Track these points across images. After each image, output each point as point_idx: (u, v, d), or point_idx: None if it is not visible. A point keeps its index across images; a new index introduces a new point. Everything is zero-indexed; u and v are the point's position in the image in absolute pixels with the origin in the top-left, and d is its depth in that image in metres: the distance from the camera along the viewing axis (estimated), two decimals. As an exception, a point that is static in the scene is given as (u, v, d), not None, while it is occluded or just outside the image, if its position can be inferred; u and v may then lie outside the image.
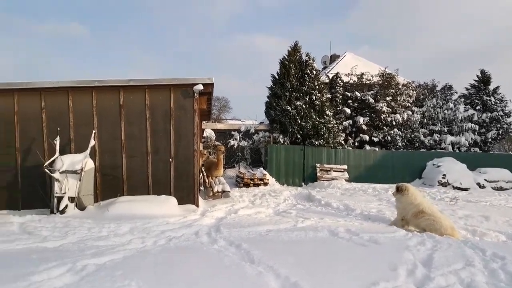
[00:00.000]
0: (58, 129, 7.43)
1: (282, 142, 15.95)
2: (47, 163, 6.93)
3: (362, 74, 19.18)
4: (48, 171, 6.88)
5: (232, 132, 17.23)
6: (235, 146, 16.84)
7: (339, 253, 4.59)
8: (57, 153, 7.13)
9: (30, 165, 7.60)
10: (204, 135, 16.75)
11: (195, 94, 8.01)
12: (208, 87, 8.11)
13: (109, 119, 7.85)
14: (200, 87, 7.89)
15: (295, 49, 17.13)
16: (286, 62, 16.70)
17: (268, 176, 14.20)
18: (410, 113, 18.90)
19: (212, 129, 17.61)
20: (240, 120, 29.95)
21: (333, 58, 28.54)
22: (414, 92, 19.75)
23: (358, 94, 18.35)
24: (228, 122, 27.02)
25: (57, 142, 7.21)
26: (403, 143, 18.68)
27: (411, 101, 19.40)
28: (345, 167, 16.04)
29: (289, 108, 15.86)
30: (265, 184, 13.89)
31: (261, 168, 14.75)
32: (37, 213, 7.01)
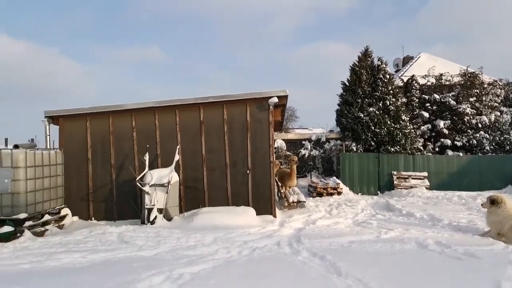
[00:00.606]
0: (148, 146, 8.11)
1: (355, 150, 15.51)
2: (138, 177, 7.58)
3: (441, 75, 17.98)
4: (139, 185, 7.51)
5: (303, 142, 17.19)
6: (306, 156, 16.77)
7: (432, 267, 4.33)
8: (147, 168, 7.77)
9: (123, 180, 8.36)
10: (275, 145, 16.95)
11: (270, 107, 8.20)
12: (283, 99, 8.26)
13: (190, 134, 8.37)
14: (275, 100, 8.06)
15: (366, 54, 16.66)
16: (357, 68, 16.28)
17: (341, 185, 13.87)
18: (499, 114, 17.19)
19: (283, 139, 17.75)
20: (307, 128, 29.77)
21: (406, 60, 27.15)
22: (502, 90, 17.96)
23: (437, 96, 17.20)
24: (296, 132, 27.00)
25: (147, 158, 7.85)
26: (491, 147, 17.00)
27: (499, 101, 17.65)
28: (425, 174, 15.06)
29: (361, 115, 15.41)
30: (339, 193, 13.57)
31: (334, 177, 14.47)
32: (130, 223, 7.65)
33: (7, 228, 6.31)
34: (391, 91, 15.87)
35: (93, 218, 8.22)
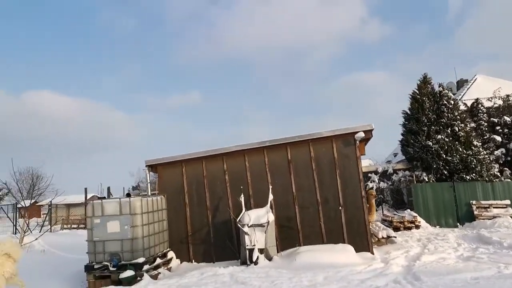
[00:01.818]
0: (241, 187, 8.45)
1: (426, 180, 15.05)
2: (238, 218, 7.86)
3: (508, 96, 17.36)
4: (240, 226, 7.78)
5: (369, 174, 16.96)
6: (374, 189, 16.46)
7: None
8: (244, 209, 8.06)
9: (218, 221, 8.70)
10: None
11: (357, 142, 8.35)
12: (369, 133, 8.41)
13: (280, 173, 8.65)
14: (362, 134, 8.22)
15: (425, 81, 16.56)
16: (418, 96, 16.16)
17: (418, 218, 13.41)
18: None
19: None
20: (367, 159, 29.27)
21: (461, 83, 26.55)
22: None
23: (507, 118, 16.53)
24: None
25: (242, 199, 8.16)
26: None
27: None
28: (508, 202, 14.19)
29: (429, 143, 15.07)
30: (417, 227, 13.08)
31: (408, 210, 14.04)
32: (229, 264, 7.85)
33: (129, 273, 6.74)
34: (458, 117, 15.50)
35: (193, 260, 8.54)
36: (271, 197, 8.18)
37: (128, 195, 7.67)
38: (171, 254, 8.18)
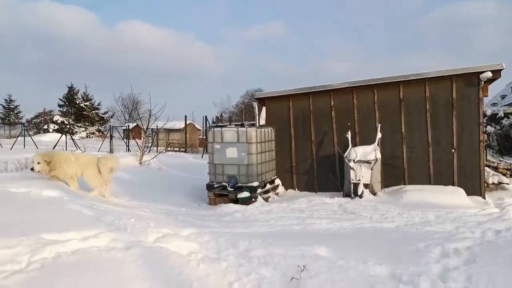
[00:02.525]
0: (349, 124, 8.53)
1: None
2: (345, 154, 8.08)
3: None
4: (346, 161, 8.01)
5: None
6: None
7: None
8: (350, 145, 8.21)
9: (322, 155, 9.02)
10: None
11: (481, 82, 7.71)
12: (497, 73, 7.67)
13: (389, 113, 8.47)
14: (489, 74, 7.54)
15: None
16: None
17: (530, 166, 12.31)
18: None
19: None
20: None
21: None
22: None
23: None
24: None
25: (349, 135, 8.29)
26: None
27: None
28: None
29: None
30: (528, 175, 12.09)
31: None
32: (332, 195, 8.26)
33: (245, 194, 7.53)
34: None
35: (296, 189, 9.15)
36: (379, 135, 8.16)
37: (243, 125, 8.26)
38: (277, 181, 8.85)
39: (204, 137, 25.31)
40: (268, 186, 8.27)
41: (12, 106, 48.96)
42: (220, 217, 6.56)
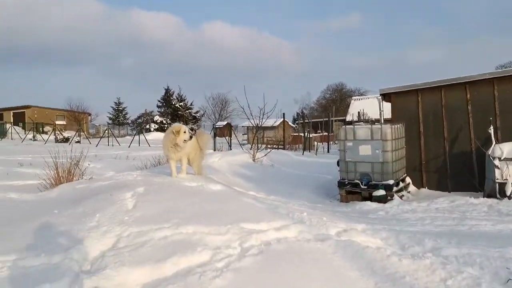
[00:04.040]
0: (491, 118, 7.93)
1: None
2: (489, 151, 7.54)
3: None
4: (491, 159, 7.47)
5: None
6: None
7: None
8: (494, 141, 7.63)
9: (457, 152, 8.54)
10: None
11: None
12: None
13: (540, 106, 7.69)
14: None
15: None
16: None
17: None
18: None
19: None
20: None
21: None
22: None
23: None
24: None
25: (491, 131, 7.70)
26: None
27: None
28: None
29: None
30: None
31: None
32: (470, 195, 7.74)
33: (381, 192, 7.47)
34: None
35: (426, 187, 8.80)
36: (530, 130, 7.46)
37: (373, 121, 8.19)
38: (408, 179, 8.61)
39: (298, 134, 25.59)
40: (401, 184, 8.09)
41: (121, 108, 54.90)
42: (363, 214, 6.61)
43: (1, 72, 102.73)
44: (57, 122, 40.36)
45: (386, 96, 9.29)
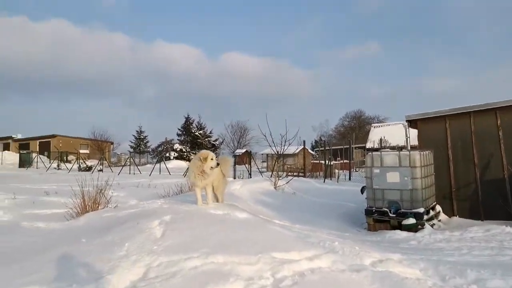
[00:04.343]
0: (524, 144, 7.68)
1: None
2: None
3: None
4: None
5: None
6: None
7: None
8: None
9: (487, 178, 8.23)
10: None
11: None
12: None
13: None
14: None
15: None
16: None
17: None
18: None
19: None
20: None
21: None
22: None
23: None
24: None
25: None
26: None
27: None
28: None
29: None
30: None
31: None
32: (503, 224, 7.35)
33: (411, 220, 7.20)
34: None
35: (457, 215, 8.45)
36: None
37: (400, 148, 8.04)
38: (438, 207, 8.29)
39: (319, 161, 25.39)
40: (432, 212, 7.80)
41: (142, 137, 56.05)
42: (394, 243, 6.35)
43: (31, 103, 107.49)
44: (80, 151, 41.39)
45: (412, 123, 9.14)
